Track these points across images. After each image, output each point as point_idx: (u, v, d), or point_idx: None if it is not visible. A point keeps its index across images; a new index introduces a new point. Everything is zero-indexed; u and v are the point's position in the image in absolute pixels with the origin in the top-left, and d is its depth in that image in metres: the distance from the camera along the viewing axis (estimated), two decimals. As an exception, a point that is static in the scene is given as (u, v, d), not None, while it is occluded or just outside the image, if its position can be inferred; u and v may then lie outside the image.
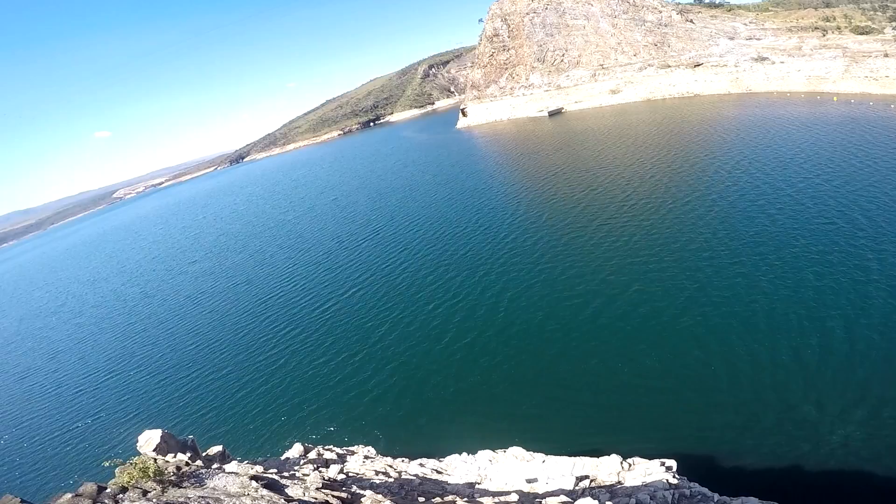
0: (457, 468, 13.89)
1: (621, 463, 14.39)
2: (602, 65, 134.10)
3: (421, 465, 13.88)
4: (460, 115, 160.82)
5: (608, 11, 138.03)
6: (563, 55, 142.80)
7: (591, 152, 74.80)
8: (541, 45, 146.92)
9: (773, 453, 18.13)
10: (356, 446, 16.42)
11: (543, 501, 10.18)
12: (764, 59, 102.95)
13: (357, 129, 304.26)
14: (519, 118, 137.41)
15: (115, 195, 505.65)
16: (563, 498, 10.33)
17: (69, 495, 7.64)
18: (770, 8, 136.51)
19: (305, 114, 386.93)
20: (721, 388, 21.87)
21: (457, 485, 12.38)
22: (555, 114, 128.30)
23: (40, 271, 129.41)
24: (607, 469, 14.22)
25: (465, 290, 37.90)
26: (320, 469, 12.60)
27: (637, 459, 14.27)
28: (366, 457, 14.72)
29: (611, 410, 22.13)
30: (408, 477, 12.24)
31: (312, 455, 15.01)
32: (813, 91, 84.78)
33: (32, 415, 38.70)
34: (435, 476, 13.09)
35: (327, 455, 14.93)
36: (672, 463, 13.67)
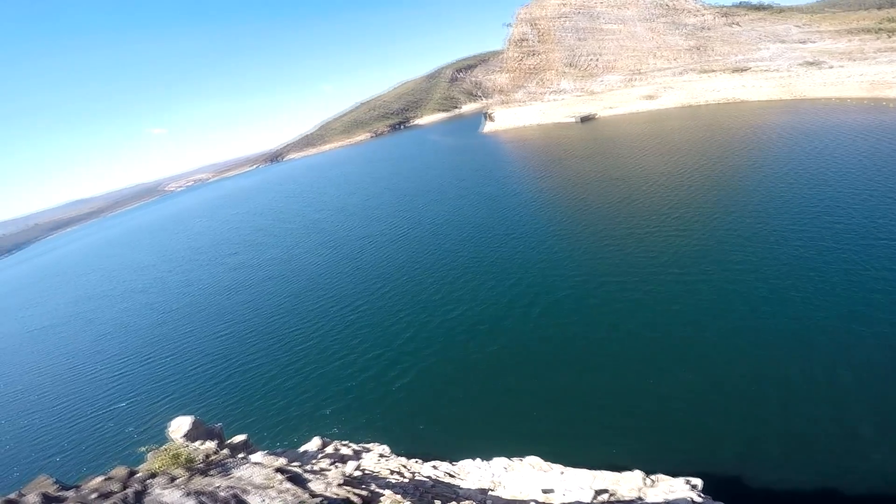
0: (470, 473, 13.80)
1: (644, 479, 13.84)
2: (637, 70, 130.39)
3: (434, 467, 13.88)
4: (486, 119, 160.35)
5: (644, 15, 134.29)
6: (595, 60, 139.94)
7: (627, 160, 72.57)
8: (571, 50, 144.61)
9: (805, 475, 17.03)
10: (372, 444, 16.64)
11: (558, 514, 9.94)
12: (818, 63, 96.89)
13: (387, 131, 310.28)
14: (548, 124, 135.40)
15: (164, 188, 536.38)
16: (579, 511, 10.05)
17: (100, 478, 7.74)
18: (824, 10, 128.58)
19: (339, 115, 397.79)
20: (765, 407, 20.63)
21: (469, 489, 12.30)
22: (586, 120, 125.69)
23: (94, 257, 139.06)
24: (628, 484, 13.72)
25: (492, 297, 37.53)
26: (337, 464, 12.86)
27: (661, 476, 13.70)
28: (381, 455, 14.88)
29: (638, 425, 21.39)
30: (420, 478, 12.28)
31: (329, 449, 15.31)
32: (876, 97, 78.79)
33: (69, 396, 41.11)
34: (447, 479, 13.06)
35: (344, 451, 15.19)
36: (697, 481, 13.04)
